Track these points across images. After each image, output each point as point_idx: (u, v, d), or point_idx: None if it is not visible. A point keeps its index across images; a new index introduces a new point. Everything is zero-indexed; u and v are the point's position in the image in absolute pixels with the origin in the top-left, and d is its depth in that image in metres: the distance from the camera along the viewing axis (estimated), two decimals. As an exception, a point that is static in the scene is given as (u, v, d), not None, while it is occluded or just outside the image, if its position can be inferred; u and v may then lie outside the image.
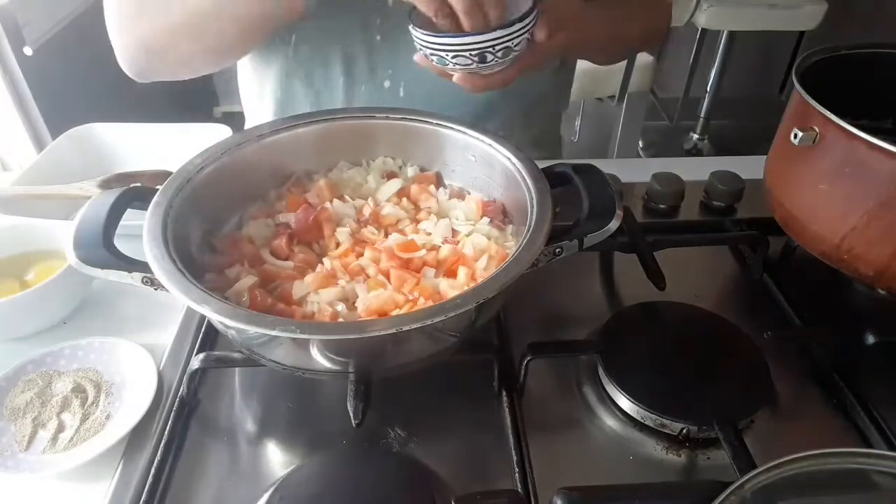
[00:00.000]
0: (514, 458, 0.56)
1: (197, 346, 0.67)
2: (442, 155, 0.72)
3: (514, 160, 0.65)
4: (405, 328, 0.47)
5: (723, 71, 2.61)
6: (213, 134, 0.90)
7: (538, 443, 0.58)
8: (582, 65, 1.14)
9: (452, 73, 0.67)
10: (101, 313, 0.73)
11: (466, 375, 0.64)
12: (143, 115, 1.04)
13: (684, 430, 0.58)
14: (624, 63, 2.05)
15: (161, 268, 0.51)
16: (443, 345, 0.57)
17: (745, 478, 0.49)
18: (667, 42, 2.88)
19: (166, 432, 0.59)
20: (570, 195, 0.62)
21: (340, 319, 0.56)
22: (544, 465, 0.57)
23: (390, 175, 0.73)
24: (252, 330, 0.48)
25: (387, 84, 0.85)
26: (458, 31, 0.62)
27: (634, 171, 0.91)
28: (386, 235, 0.66)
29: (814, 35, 2.35)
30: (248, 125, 1.00)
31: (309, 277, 0.59)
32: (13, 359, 0.63)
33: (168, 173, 0.62)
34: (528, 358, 0.62)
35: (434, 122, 0.71)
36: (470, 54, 0.62)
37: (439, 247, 0.63)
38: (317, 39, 0.83)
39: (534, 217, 0.58)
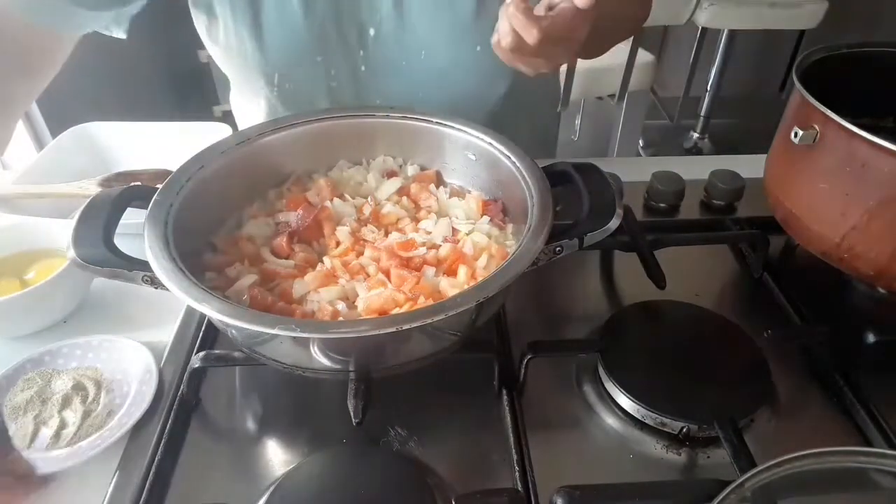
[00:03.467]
0: (515, 456, 0.56)
1: (197, 344, 0.67)
2: (442, 153, 0.72)
3: (514, 159, 0.64)
4: (405, 327, 0.47)
5: (723, 70, 2.61)
6: (213, 133, 0.90)
7: (538, 441, 0.58)
8: (582, 64, 1.13)
9: None
10: (101, 312, 0.73)
11: (467, 374, 0.64)
12: (143, 114, 1.04)
13: (684, 429, 0.58)
14: (624, 61, 2.04)
15: (161, 266, 0.51)
16: (443, 344, 0.57)
17: (745, 476, 0.49)
18: (666, 40, 2.89)
19: (167, 431, 0.59)
20: (571, 194, 0.62)
21: (341, 318, 0.56)
22: (544, 463, 0.57)
23: (390, 174, 0.73)
24: (252, 329, 0.48)
25: None
26: None
27: (634, 169, 0.91)
28: (386, 234, 0.66)
29: (814, 34, 2.35)
30: None
31: (309, 276, 0.59)
32: (14, 358, 0.63)
33: (168, 172, 0.62)
34: (529, 357, 0.62)
35: (434, 120, 0.71)
36: None
37: (439, 245, 0.63)
38: (300, 78, 0.84)
39: (534, 216, 0.58)
